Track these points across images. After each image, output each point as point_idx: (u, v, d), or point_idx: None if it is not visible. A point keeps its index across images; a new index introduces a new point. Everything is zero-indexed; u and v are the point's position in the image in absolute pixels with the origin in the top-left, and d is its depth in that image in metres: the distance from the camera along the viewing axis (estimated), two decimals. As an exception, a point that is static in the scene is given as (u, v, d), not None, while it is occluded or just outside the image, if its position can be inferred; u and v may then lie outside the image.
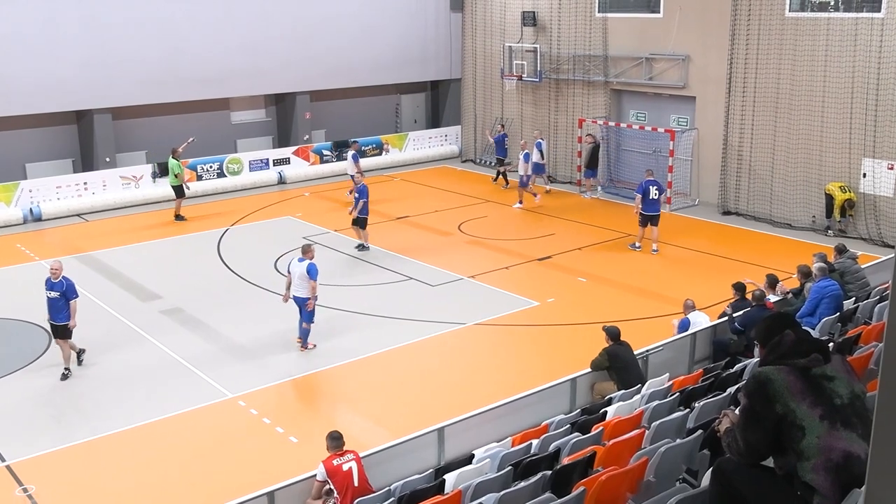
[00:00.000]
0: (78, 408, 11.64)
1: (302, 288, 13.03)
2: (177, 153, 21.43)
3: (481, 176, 25.82)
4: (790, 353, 4.13)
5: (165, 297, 15.82)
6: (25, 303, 15.47)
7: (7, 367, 12.83)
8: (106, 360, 13.09)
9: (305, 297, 13.03)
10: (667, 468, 6.10)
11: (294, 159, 25.89)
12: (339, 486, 7.66)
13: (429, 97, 30.32)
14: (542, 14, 25.44)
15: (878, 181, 18.49)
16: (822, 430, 3.90)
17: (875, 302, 10.65)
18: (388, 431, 10.38)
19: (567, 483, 6.28)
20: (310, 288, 12.97)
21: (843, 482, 3.83)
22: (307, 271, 12.94)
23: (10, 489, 9.63)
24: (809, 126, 19.51)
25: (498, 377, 12.35)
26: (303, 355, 13.18)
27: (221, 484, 9.51)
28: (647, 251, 18.13)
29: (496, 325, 14.40)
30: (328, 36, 26.01)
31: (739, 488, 4.20)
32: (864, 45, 18.23)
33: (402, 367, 13.01)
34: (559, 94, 25.52)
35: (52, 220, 21.51)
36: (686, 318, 11.63)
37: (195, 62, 23.70)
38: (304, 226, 20.62)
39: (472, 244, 19.13)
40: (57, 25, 21.59)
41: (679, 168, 22.23)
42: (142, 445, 10.61)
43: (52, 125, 22.92)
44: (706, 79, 21.69)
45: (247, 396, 11.83)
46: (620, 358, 10.01)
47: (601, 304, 15.22)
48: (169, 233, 20.28)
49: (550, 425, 8.64)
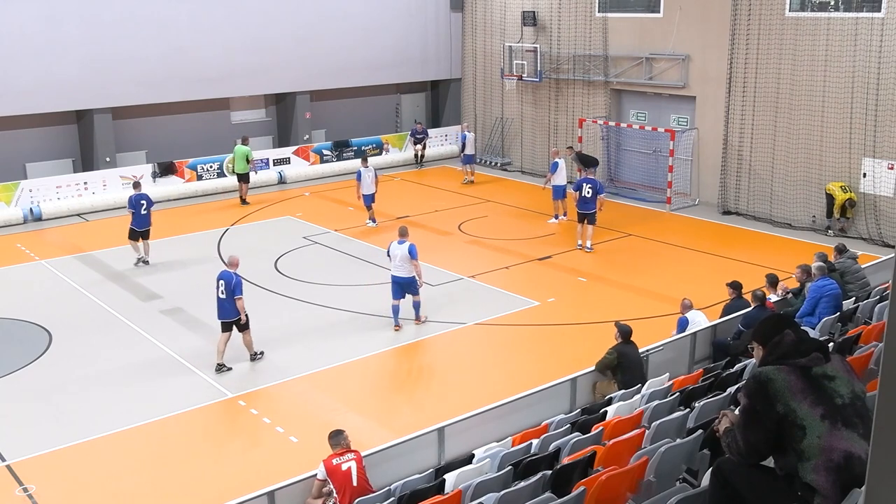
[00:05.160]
0: (78, 408, 11.64)
1: (403, 268, 13.65)
2: (247, 140, 23.08)
3: (482, 175, 25.83)
4: (790, 352, 4.12)
5: (165, 297, 15.82)
6: (25, 303, 15.50)
7: (7, 367, 12.83)
8: (106, 360, 13.09)
9: (406, 276, 13.68)
10: (667, 468, 6.10)
11: (294, 159, 25.90)
12: (337, 486, 7.66)
13: (429, 97, 30.32)
14: (542, 14, 25.44)
15: (878, 181, 18.49)
16: (823, 429, 3.89)
17: (875, 302, 10.66)
18: (388, 431, 10.38)
19: (567, 483, 6.28)
20: (412, 267, 13.61)
21: (844, 482, 3.83)
22: (409, 252, 13.58)
23: (10, 489, 9.63)
24: (809, 126, 19.51)
25: (498, 377, 12.34)
26: (302, 355, 13.17)
27: (221, 484, 9.52)
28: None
29: (496, 325, 14.40)
30: (328, 36, 26.01)
31: (739, 488, 4.20)
32: (864, 45, 18.23)
33: (402, 367, 13.01)
34: (559, 93, 25.52)
35: (52, 219, 21.52)
36: (684, 316, 11.64)
37: (195, 62, 23.70)
38: (305, 225, 20.62)
39: (472, 244, 19.13)
40: (57, 25, 21.59)
41: (679, 168, 22.24)
42: (142, 445, 10.61)
43: (52, 125, 22.92)
44: (706, 78, 21.69)
45: (247, 396, 11.84)
46: (627, 358, 10.01)
47: (601, 304, 15.22)
48: (169, 233, 20.26)
49: (550, 425, 8.64)
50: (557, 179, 20.27)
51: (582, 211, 18.12)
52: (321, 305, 15.32)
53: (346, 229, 20.06)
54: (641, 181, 23.65)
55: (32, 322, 14.55)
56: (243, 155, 22.67)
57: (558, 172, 20.22)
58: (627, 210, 21.59)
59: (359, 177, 20.08)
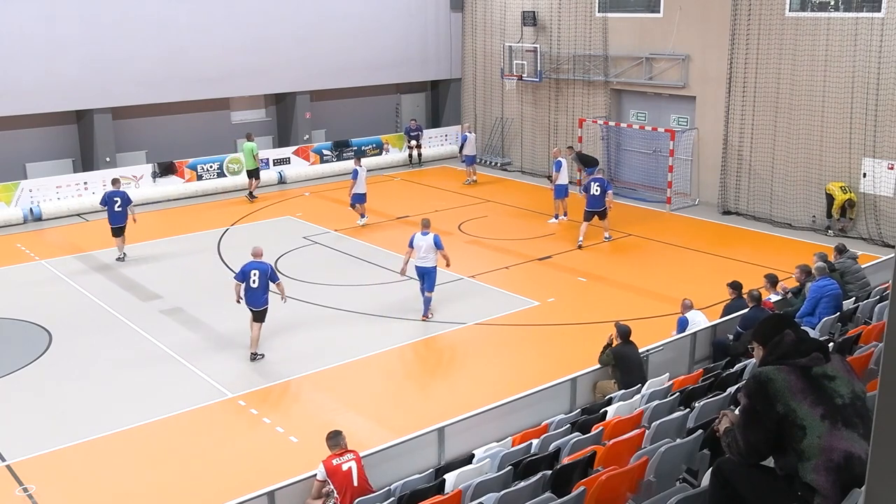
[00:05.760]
0: (78, 408, 11.64)
1: (429, 259, 14.10)
2: (251, 137, 23.34)
3: (482, 175, 25.82)
4: (790, 352, 4.12)
5: (165, 297, 15.81)
6: (25, 303, 15.50)
7: (7, 367, 12.83)
8: (106, 360, 13.09)
9: (430, 266, 14.10)
10: (667, 468, 6.10)
11: (294, 159, 25.89)
12: (338, 486, 7.67)
13: (429, 97, 30.31)
14: (542, 14, 25.44)
15: (878, 181, 18.48)
16: (824, 429, 3.89)
17: (875, 302, 10.66)
18: (388, 431, 10.38)
19: (567, 483, 6.28)
20: (439, 256, 14.08)
21: (844, 482, 3.82)
22: (434, 242, 14.08)
23: (10, 489, 9.63)
24: (809, 126, 19.51)
25: (498, 377, 12.35)
26: (302, 355, 13.17)
27: (221, 484, 9.52)
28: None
29: (496, 325, 14.40)
30: (328, 36, 26.01)
31: (739, 488, 4.20)
32: (864, 45, 18.22)
33: (402, 367, 13.01)
34: (559, 93, 25.52)
35: (52, 219, 21.51)
36: (684, 316, 11.64)
37: (195, 62, 23.69)
38: (305, 225, 20.62)
39: (472, 244, 19.12)
40: (57, 25, 21.59)
41: (679, 168, 22.23)
42: (142, 445, 10.61)
43: (52, 125, 22.91)
44: (706, 78, 21.69)
45: (247, 396, 11.84)
46: (626, 358, 10.01)
47: (601, 304, 15.22)
48: (169, 232, 20.28)
49: (550, 425, 8.64)
50: (560, 179, 20.33)
51: (591, 209, 18.43)
52: (321, 305, 15.32)
53: (347, 229, 20.06)
54: (641, 181, 23.65)
55: (32, 322, 14.55)
56: (250, 151, 23.00)
57: (563, 171, 20.29)
58: (627, 210, 21.58)
59: (355, 175, 20.12)
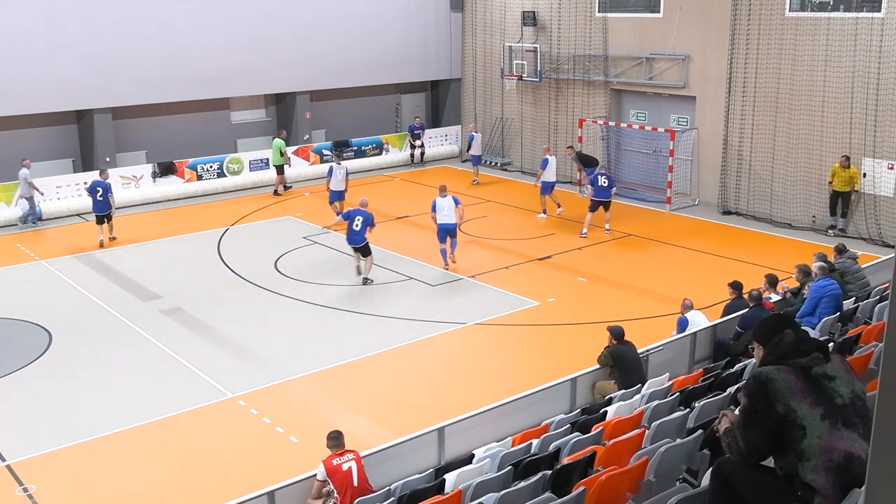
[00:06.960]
0: (78, 408, 11.64)
1: (450, 217, 16.71)
2: (282, 134, 24.44)
3: (482, 176, 25.82)
4: (790, 352, 4.12)
5: (165, 297, 15.81)
6: (25, 303, 15.50)
7: (7, 367, 12.83)
8: (106, 360, 13.09)
9: (452, 222, 16.77)
10: (667, 468, 6.10)
11: (294, 159, 25.87)
12: (338, 486, 7.67)
13: (429, 97, 30.30)
14: (542, 14, 25.44)
15: (878, 181, 18.49)
16: (824, 429, 3.89)
17: (875, 302, 10.66)
18: (388, 431, 10.38)
19: (567, 483, 6.28)
20: (458, 213, 16.82)
21: (844, 482, 3.83)
22: (453, 201, 16.82)
23: (10, 489, 9.63)
24: (809, 126, 19.51)
25: (498, 377, 12.35)
26: (302, 355, 13.17)
27: (221, 484, 9.52)
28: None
29: (496, 325, 14.40)
30: (328, 36, 26.00)
31: (739, 488, 4.20)
32: (864, 45, 18.22)
33: (402, 367, 13.01)
34: (559, 93, 25.52)
35: (53, 219, 21.51)
36: (684, 316, 11.64)
37: (195, 62, 23.69)
38: (305, 225, 20.62)
39: (472, 244, 19.12)
40: (57, 25, 21.57)
41: (679, 168, 22.23)
42: (142, 445, 10.61)
43: (52, 125, 22.90)
44: (706, 78, 21.69)
45: (247, 396, 11.83)
46: (624, 358, 10.01)
47: (601, 304, 15.22)
48: (169, 232, 20.28)
49: (550, 425, 8.64)
50: (547, 176, 20.87)
51: (598, 198, 19.37)
52: (321, 305, 15.32)
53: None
54: (641, 181, 23.64)
55: (32, 322, 14.55)
56: (278, 148, 23.69)
57: (548, 169, 20.85)
58: (627, 210, 21.58)
59: (330, 173, 20.51)
